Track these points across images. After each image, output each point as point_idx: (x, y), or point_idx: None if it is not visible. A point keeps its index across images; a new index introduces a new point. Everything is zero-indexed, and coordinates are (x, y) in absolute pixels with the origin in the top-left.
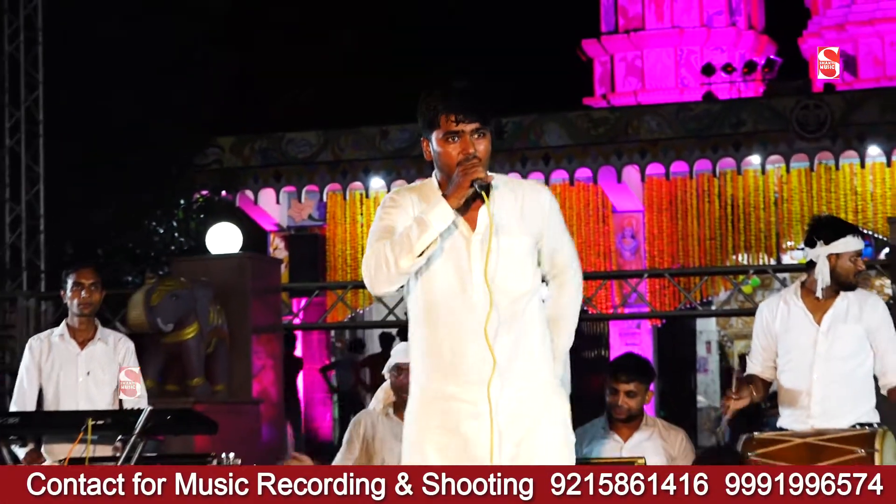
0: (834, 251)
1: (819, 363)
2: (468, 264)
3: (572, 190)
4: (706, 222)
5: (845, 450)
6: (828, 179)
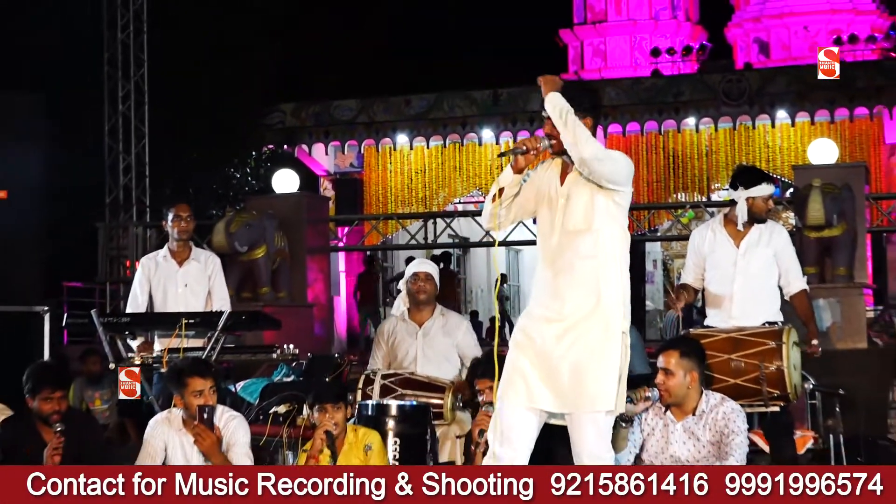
0: (751, 194)
1: (738, 277)
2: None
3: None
4: (653, 169)
5: (759, 342)
6: (746, 136)
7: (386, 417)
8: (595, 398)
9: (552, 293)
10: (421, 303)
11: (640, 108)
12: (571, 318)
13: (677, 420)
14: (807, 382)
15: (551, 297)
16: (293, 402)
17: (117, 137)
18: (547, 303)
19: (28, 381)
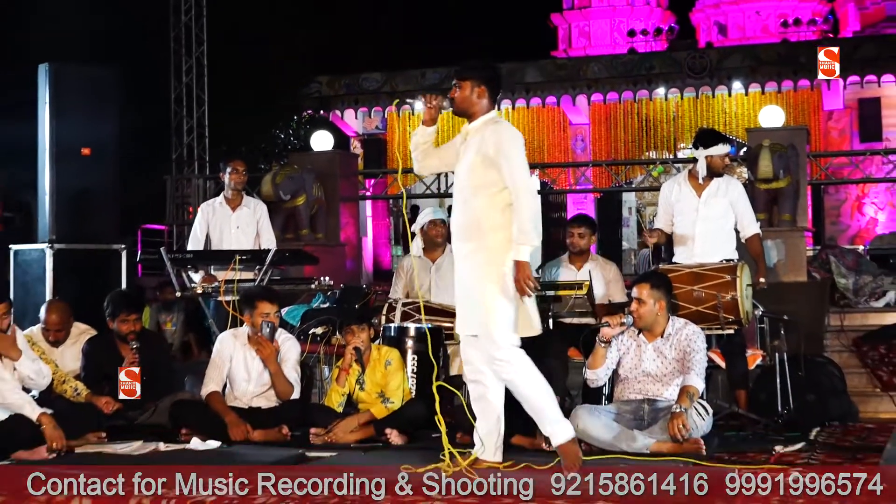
0: (709, 153)
1: (699, 222)
2: None
3: (543, 111)
4: (629, 131)
5: (717, 276)
6: (707, 104)
7: (406, 338)
8: (472, 324)
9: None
10: (436, 244)
11: (618, 81)
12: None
13: (648, 341)
14: (757, 309)
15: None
16: (328, 324)
17: (181, 104)
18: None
19: (108, 307)
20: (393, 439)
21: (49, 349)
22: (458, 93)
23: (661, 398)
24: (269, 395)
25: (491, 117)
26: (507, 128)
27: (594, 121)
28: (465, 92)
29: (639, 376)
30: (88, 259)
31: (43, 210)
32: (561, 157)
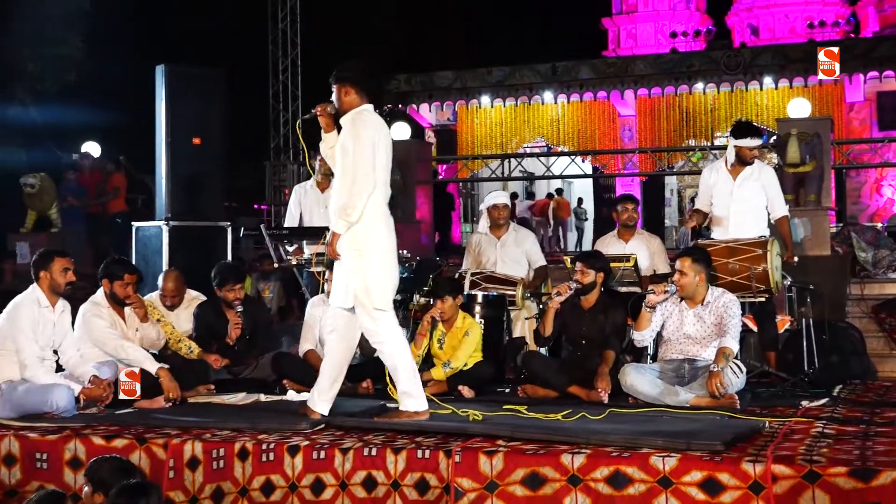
0: (738, 144)
1: (734, 203)
2: None
3: (595, 104)
4: (671, 122)
5: (750, 250)
6: (741, 97)
7: (474, 304)
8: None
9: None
10: (499, 224)
11: (662, 77)
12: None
13: (689, 308)
14: (786, 280)
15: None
16: (406, 292)
17: (278, 99)
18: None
19: (216, 277)
20: (465, 393)
21: (166, 313)
22: (334, 96)
23: (700, 358)
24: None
25: (356, 111)
26: (359, 120)
27: (640, 112)
28: (337, 94)
29: (680, 338)
30: (198, 234)
31: (160, 192)
32: (610, 145)
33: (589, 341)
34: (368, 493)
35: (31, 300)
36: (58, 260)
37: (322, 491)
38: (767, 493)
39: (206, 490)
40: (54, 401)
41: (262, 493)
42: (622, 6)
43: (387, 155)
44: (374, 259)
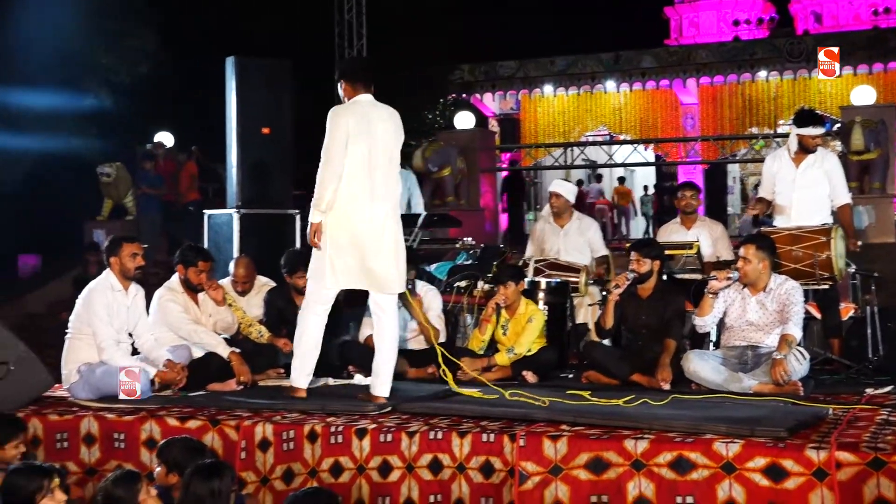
0: (800, 132)
1: (796, 190)
2: None
3: (657, 92)
4: (734, 109)
5: (813, 237)
6: (804, 85)
7: (538, 291)
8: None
9: None
10: (557, 214)
11: (724, 65)
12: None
13: (752, 294)
14: (849, 267)
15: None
16: (471, 279)
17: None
18: None
19: (286, 264)
20: (528, 378)
21: (237, 298)
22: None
23: (763, 345)
24: (420, 339)
25: (345, 103)
26: (335, 112)
27: (702, 101)
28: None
29: (743, 325)
30: (268, 222)
31: (231, 181)
32: (673, 133)
33: (649, 330)
34: (434, 476)
35: (104, 285)
36: (126, 245)
37: (389, 473)
38: (831, 480)
39: (276, 471)
40: None
41: (331, 475)
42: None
43: (368, 144)
44: (324, 249)
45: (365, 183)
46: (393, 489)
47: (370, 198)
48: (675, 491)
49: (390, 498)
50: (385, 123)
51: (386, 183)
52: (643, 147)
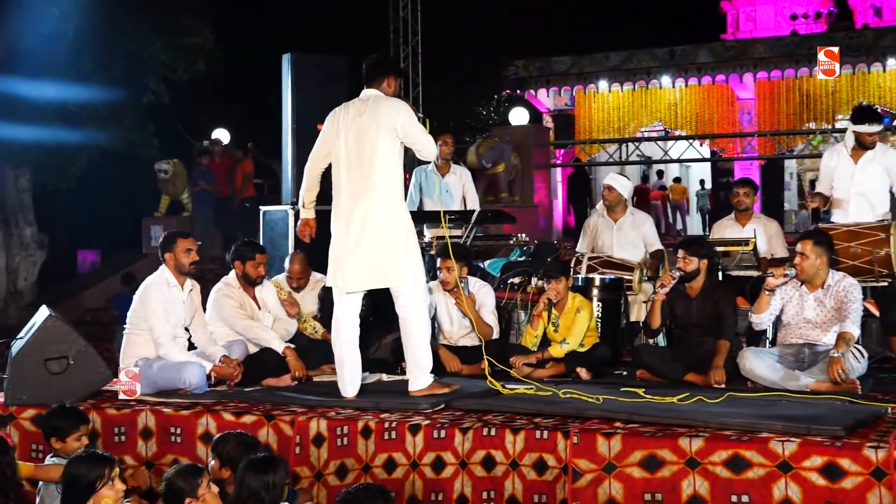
0: (856, 129)
1: (854, 186)
2: None
3: (714, 87)
4: (791, 105)
5: (872, 234)
6: (863, 80)
7: (591, 287)
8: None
9: None
10: (610, 208)
11: (782, 60)
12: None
13: (809, 291)
14: None
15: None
16: (525, 275)
17: (399, 85)
18: None
19: None
20: (582, 375)
21: (292, 293)
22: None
23: (821, 343)
24: (473, 336)
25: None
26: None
27: (759, 96)
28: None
29: (800, 323)
30: (323, 218)
31: (286, 177)
32: (729, 129)
33: (698, 328)
34: (487, 472)
35: (160, 281)
36: (181, 241)
37: (442, 469)
38: (890, 480)
39: (330, 466)
40: (187, 378)
41: (385, 470)
42: None
43: (345, 141)
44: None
45: (340, 181)
46: (446, 485)
47: (346, 195)
48: (731, 490)
49: (443, 494)
50: (361, 118)
51: (362, 181)
52: (699, 143)
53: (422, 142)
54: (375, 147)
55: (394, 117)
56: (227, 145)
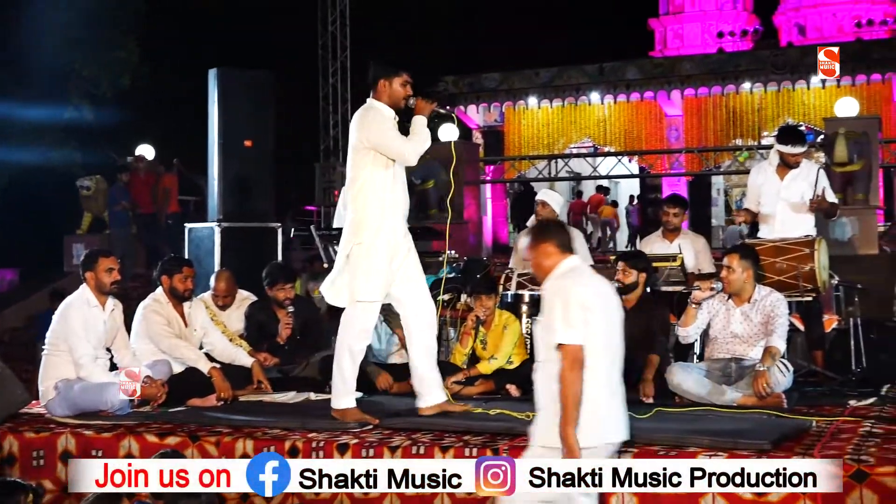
0: (780, 149)
1: (780, 202)
2: None
3: (642, 104)
4: (718, 121)
5: (797, 249)
6: (788, 97)
7: (521, 304)
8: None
9: None
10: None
11: (709, 77)
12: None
13: (736, 306)
14: (833, 278)
15: None
16: (454, 292)
17: (328, 102)
18: None
19: (267, 276)
20: (512, 392)
21: (217, 313)
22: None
23: (747, 357)
24: (403, 353)
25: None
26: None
27: (687, 112)
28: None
29: (727, 337)
30: (250, 236)
31: (212, 194)
32: (657, 145)
33: (631, 341)
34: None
35: (81, 301)
36: (102, 260)
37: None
38: (814, 493)
39: None
40: (109, 399)
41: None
42: (669, 7)
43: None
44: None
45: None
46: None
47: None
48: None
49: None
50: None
51: (351, 193)
52: (627, 159)
53: (389, 149)
54: (354, 160)
55: (360, 124)
56: (151, 161)
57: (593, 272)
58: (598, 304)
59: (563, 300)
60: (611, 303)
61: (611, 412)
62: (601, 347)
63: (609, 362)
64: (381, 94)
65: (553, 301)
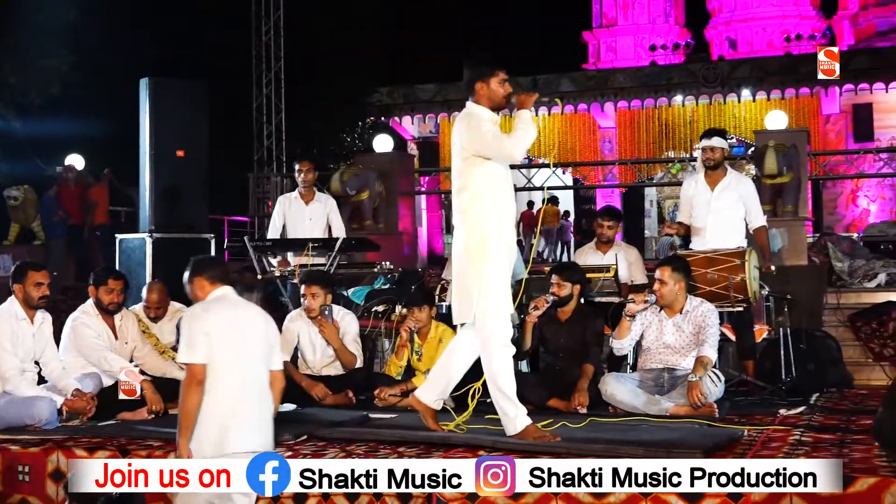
0: (701, 145)
1: (711, 213)
2: None
3: (575, 116)
4: (650, 134)
5: (728, 260)
6: (719, 109)
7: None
8: (455, 313)
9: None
10: None
11: (641, 89)
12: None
13: (668, 317)
14: (763, 289)
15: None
16: (389, 303)
17: (262, 112)
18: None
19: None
20: (447, 404)
21: (150, 324)
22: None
23: (680, 367)
24: (336, 365)
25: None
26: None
27: (620, 125)
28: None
29: (660, 348)
30: (182, 246)
31: (144, 204)
32: (591, 157)
33: (567, 353)
34: (351, 503)
35: (8, 313)
36: (31, 274)
37: (304, 500)
38: (746, 501)
39: None
40: (37, 413)
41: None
42: (602, 20)
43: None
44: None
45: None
46: None
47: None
48: None
49: None
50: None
51: (461, 202)
52: (561, 171)
53: (490, 151)
54: (460, 168)
55: (456, 137)
56: (81, 171)
57: (239, 302)
58: (226, 331)
59: (189, 325)
60: (247, 329)
61: (237, 425)
62: (225, 369)
63: (237, 382)
64: (480, 97)
65: (183, 325)
